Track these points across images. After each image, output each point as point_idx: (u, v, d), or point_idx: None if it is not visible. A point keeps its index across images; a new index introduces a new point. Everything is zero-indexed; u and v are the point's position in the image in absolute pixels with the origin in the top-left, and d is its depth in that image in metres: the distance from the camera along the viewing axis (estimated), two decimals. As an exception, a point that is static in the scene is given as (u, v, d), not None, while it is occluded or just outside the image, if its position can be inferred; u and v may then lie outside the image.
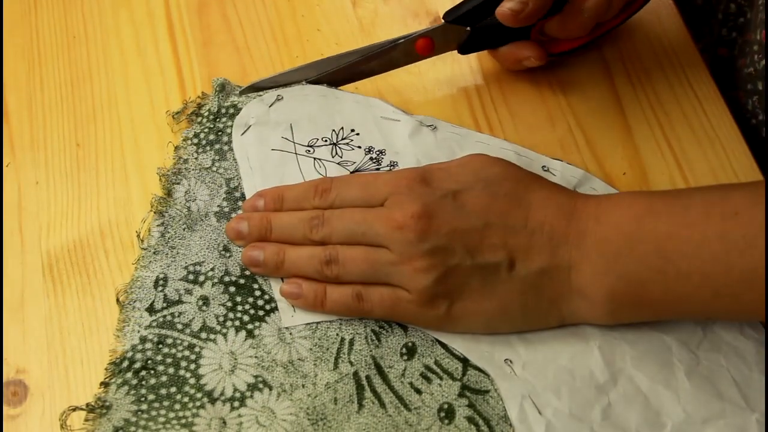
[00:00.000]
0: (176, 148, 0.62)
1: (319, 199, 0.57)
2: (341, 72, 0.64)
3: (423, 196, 0.54)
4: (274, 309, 0.57)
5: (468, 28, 0.62)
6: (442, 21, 0.62)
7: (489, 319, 0.54)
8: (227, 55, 0.66)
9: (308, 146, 0.62)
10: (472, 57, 0.66)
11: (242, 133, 0.62)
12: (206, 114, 0.63)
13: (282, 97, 0.63)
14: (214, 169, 0.61)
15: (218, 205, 0.60)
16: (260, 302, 0.57)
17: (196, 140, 0.62)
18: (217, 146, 0.62)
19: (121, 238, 0.60)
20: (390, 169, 0.61)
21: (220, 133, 0.62)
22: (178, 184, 0.61)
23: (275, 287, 0.57)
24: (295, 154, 0.62)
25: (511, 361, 0.55)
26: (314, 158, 0.61)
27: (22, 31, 0.68)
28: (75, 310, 0.57)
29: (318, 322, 0.56)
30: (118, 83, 0.66)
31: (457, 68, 0.66)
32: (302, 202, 0.58)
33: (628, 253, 0.52)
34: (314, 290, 0.56)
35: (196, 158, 0.62)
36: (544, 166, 0.61)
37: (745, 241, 0.49)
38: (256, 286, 0.57)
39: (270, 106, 0.63)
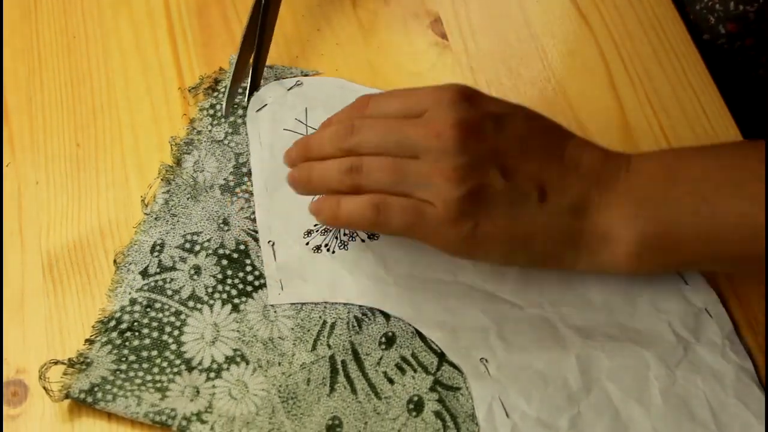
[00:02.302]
0: (191, 119, 0.63)
1: (358, 113, 0.56)
2: (264, 52, 0.64)
3: (465, 111, 0.52)
4: (263, 285, 0.57)
5: None
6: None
7: (510, 248, 0.53)
8: (227, 55, 0.66)
9: None
10: (473, 57, 0.66)
11: (257, 110, 0.63)
12: (222, 90, 0.64)
13: (301, 83, 0.64)
14: (226, 142, 0.62)
15: (224, 179, 0.61)
16: (250, 278, 0.57)
17: (212, 111, 0.63)
18: (231, 119, 0.63)
19: (121, 238, 0.59)
20: None
21: (235, 107, 0.63)
22: (189, 154, 0.61)
23: (266, 263, 0.58)
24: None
25: (486, 361, 0.54)
26: None
27: (22, 31, 0.68)
28: (75, 310, 0.57)
29: (303, 304, 0.56)
30: (118, 83, 0.65)
31: (458, 69, 0.66)
32: (344, 120, 0.56)
33: (661, 195, 0.51)
34: (330, 202, 0.54)
35: (210, 130, 0.62)
36: None
37: None
38: (248, 261, 0.58)
39: (289, 90, 0.64)
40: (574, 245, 0.53)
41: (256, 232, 0.59)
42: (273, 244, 0.59)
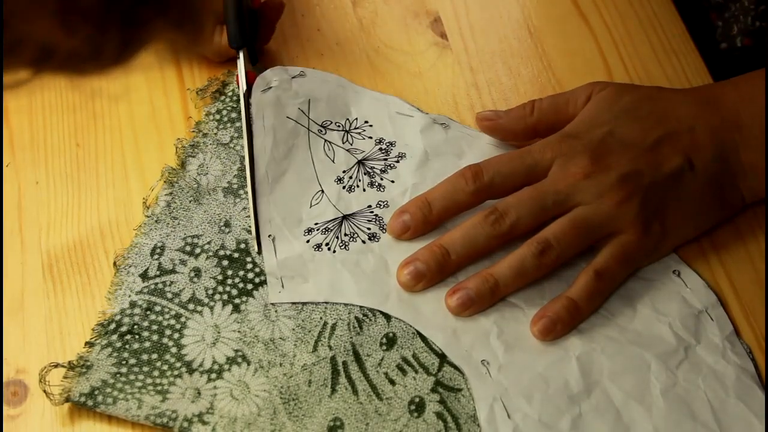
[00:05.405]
0: (197, 123, 0.63)
1: (473, 183, 0.56)
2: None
3: (585, 146, 0.56)
4: (263, 283, 0.57)
5: None
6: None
7: (696, 220, 0.57)
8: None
9: (321, 126, 0.63)
10: (473, 57, 0.66)
11: (262, 91, 0.63)
12: (230, 94, 0.64)
13: (305, 74, 0.64)
14: (231, 145, 0.62)
15: (228, 182, 0.61)
16: (250, 275, 0.57)
17: (218, 116, 0.63)
18: (238, 124, 0.62)
19: (121, 238, 0.59)
20: (398, 161, 0.61)
21: (235, 100, 0.63)
22: (194, 157, 0.61)
23: (267, 259, 0.57)
24: (308, 129, 0.62)
25: (488, 362, 0.54)
26: (325, 140, 0.62)
27: (21, 30, 0.68)
28: (75, 310, 0.57)
29: (304, 304, 0.56)
30: (118, 83, 0.65)
31: (458, 69, 0.66)
32: (454, 195, 0.57)
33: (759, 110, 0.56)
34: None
35: (215, 134, 0.62)
36: None
37: None
38: (248, 259, 0.58)
39: (293, 78, 0.64)
40: (734, 185, 0.57)
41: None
42: (273, 238, 0.58)
